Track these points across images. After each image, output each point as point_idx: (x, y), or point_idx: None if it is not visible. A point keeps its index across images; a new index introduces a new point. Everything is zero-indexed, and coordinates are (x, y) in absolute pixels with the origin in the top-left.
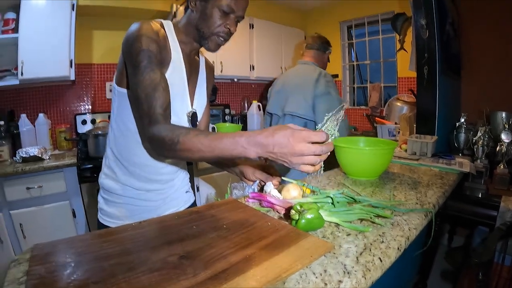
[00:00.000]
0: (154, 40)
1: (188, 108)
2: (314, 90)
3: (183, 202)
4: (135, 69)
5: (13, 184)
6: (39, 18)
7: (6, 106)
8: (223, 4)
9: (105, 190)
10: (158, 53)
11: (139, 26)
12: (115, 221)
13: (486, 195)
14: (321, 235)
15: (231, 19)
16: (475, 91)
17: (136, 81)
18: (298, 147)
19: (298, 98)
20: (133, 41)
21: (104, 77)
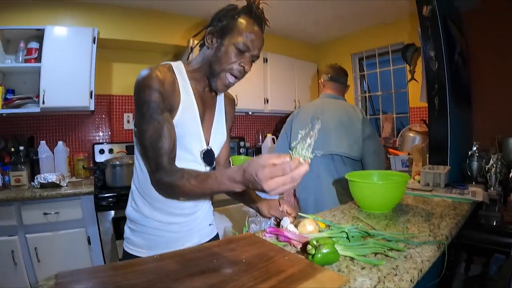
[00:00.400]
0: (158, 90)
1: (202, 146)
2: (363, 131)
3: (206, 234)
4: (141, 119)
5: (31, 209)
6: (61, 49)
7: (27, 132)
8: (240, 42)
9: (131, 221)
10: (161, 102)
11: (145, 76)
12: (139, 250)
13: (500, 223)
14: (337, 269)
15: (246, 58)
16: (486, 119)
17: (142, 130)
18: (261, 174)
19: (348, 139)
20: (139, 92)
21: (122, 108)
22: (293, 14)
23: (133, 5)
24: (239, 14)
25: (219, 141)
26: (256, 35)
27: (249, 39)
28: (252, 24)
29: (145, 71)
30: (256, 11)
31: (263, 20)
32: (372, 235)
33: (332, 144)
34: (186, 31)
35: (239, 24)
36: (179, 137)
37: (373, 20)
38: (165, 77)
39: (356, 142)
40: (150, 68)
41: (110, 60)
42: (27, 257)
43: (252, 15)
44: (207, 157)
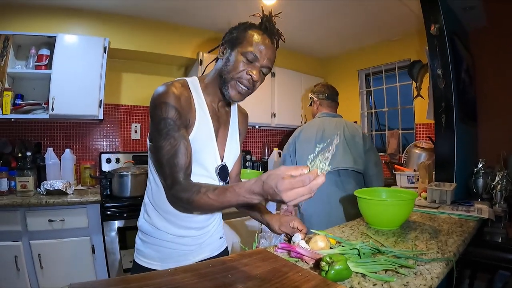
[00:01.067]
0: (174, 107)
1: (217, 162)
2: (364, 145)
3: (217, 248)
4: (157, 135)
5: (36, 215)
6: (72, 57)
7: (34, 138)
8: (248, 52)
9: (143, 233)
10: (178, 118)
11: (162, 93)
12: (150, 262)
13: (506, 239)
14: (349, 285)
15: (255, 68)
16: (491, 136)
17: (158, 146)
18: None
19: (352, 153)
20: (155, 108)
21: (130, 118)
22: (301, 29)
23: (145, 16)
24: (250, 27)
25: (233, 156)
26: (266, 46)
27: (258, 49)
28: (262, 34)
29: (162, 87)
30: (267, 24)
31: (274, 33)
32: (382, 252)
33: (338, 159)
34: (196, 44)
35: (249, 35)
36: (194, 153)
37: (380, 37)
38: (181, 93)
39: (359, 155)
40: (166, 84)
41: (119, 70)
42: (30, 264)
43: (262, 27)
44: (222, 172)
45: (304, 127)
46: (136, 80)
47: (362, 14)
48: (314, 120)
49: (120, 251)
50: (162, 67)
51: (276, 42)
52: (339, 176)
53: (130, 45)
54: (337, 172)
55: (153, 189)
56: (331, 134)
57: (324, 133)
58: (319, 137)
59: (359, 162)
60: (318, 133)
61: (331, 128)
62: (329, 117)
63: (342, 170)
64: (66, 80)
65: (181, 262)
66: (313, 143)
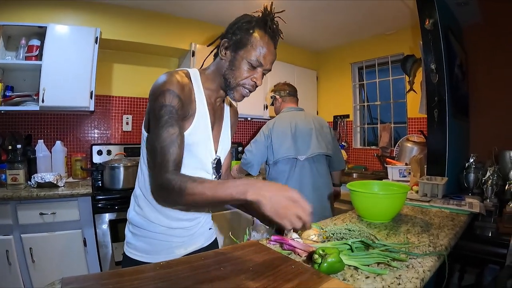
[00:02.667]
0: (178, 96)
1: (212, 155)
2: (330, 133)
3: (206, 238)
4: (157, 122)
5: (27, 209)
6: (62, 47)
7: (24, 130)
8: (252, 58)
9: (134, 225)
10: (180, 108)
11: (166, 80)
12: (142, 255)
13: (496, 234)
14: (342, 278)
15: (258, 72)
16: (483, 131)
17: (156, 133)
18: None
19: (324, 140)
20: (158, 95)
21: (122, 110)
22: (295, 22)
23: (137, 6)
24: (254, 28)
25: (225, 150)
26: (269, 50)
27: (262, 55)
28: (266, 39)
29: (166, 75)
30: (271, 25)
31: (277, 34)
32: (374, 246)
33: (313, 146)
34: (189, 35)
35: (253, 39)
36: (190, 145)
37: (374, 31)
38: (184, 83)
39: (329, 142)
40: (170, 73)
41: (110, 61)
42: (21, 258)
43: (267, 29)
44: (217, 166)
45: (276, 122)
46: (127, 71)
47: (356, 8)
48: (283, 114)
49: (112, 243)
50: (154, 58)
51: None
52: (313, 161)
53: (122, 36)
54: (312, 159)
55: (146, 180)
56: (304, 126)
57: (298, 126)
58: (293, 129)
59: (329, 148)
60: (292, 125)
61: (302, 121)
62: (296, 111)
63: (316, 156)
64: (56, 71)
65: (173, 254)
66: (289, 134)
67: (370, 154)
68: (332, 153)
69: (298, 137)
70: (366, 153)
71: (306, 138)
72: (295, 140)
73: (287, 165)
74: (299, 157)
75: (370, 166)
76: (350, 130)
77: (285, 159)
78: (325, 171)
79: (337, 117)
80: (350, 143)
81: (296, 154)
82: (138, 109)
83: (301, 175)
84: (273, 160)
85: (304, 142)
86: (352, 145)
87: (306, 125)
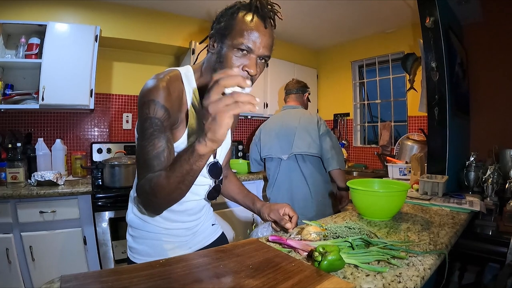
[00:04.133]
0: (163, 106)
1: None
2: (318, 130)
3: (210, 235)
4: (142, 134)
5: (27, 207)
6: (62, 45)
7: (24, 128)
8: (239, 43)
9: (134, 228)
10: (166, 119)
11: (151, 88)
12: (145, 258)
13: (496, 232)
14: (342, 276)
15: (251, 59)
16: (483, 130)
17: (141, 145)
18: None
19: (306, 139)
20: (143, 105)
21: (122, 108)
22: (295, 19)
23: (136, 4)
24: (238, 11)
25: (225, 150)
26: (260, 32)
27: (251, 39)
28: (253, 19)
29: (152, 81)
30: (256, 5)
31: (267, 13)
32: (374, 243)
33: (294, 146)
34: (189, 33)
35: (238, 22)
36: None
37: (375, 29)
38: (173, 89)
39: (314, 141)
40: (157, 78)
41: (110, 59)
42: (21, 256)
43: (252, 9)
44: (213, 169)
45: (268, 120)
46: (127, 69)
47: (357, 6)
48: (278, 113)
49: (112, 242)
50: (154, 56)
51: (272, 22)
52: (296, 161)
53: (122, 34)
54: (294, 157)
55: None
56: (289, 124)
57: (283, 124)
58: (278, 128)
59: (312, 147)
60: (278, 123)
61: (290, 119)
62: (289, 109)
63: (298, 155)
64: (56, 69)
65: (178, 252)
66: (273, 133)
67: (370, 153)
68: (317, 152)
69: (282, 136)
70: (367, 152)
71: (290, 137)
72: (279, 139)
73: (272, 163)
74: (283, 157)
75: (370, 164)
76: (350, 128)
77: (269, 158)
78: (313, 171)
79: (337, 115)
80: (350, 142)
81: (278, 153)
82: None
83: (285, 174)
84: (261, 157)
85: (287, 141)
86: (352, 144)
87: (291, 124)
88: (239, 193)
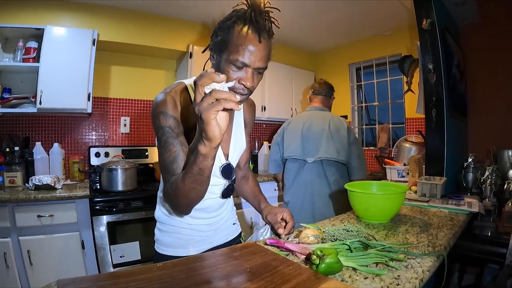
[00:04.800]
0: (172, 116)
1: (221, 161)
2: (348, 138)
3: (231, 233)
4: (159, 142)
5: (25, 211)
6: (60, 49)
7: (22, 132)
8: (235, 59)
9: (161, 223)
10: (176, 126)
11: (160, 102)
12: (169, 249)
13: (495, 233)
14: (340, 279)
15: (247, 73)
16: (481, 131)
17: (159, 152)
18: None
19: (336, 145)
20: (154, 118)
21: (120, 112)
22: (292, 22)
23: (134, 8)
24: (233, 24)
25: (238, 152)
26: (255, 46)
27: (246, 54)
28: (248, 33)
29: (160, 96)
30: (251, 17)
31: (263, 27)
32: (372, 246)
33: (322, 150)
34: (186, 36)
35: (233, 38)
36: None
37: (372, 31)
38: (180, 99)
39: (343, 148)
40: (165, 92)
41: (108, 63)
42: (19, 260)
43: (247, 22)
44: (225, 171)
45: (293, 119)
46: (125, 73)
47: (353, 8)
48: (304, 113)
49: (110, 246)
50: (152, 59)
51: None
52: (322, 165)
53: (120, 37)
54: (320, 162)
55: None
56: (317, 127)
57: (312, 125)
58: (305, 129)
59: (342, 154)
60: (306, 124)
61: (318, 121)
62: (316, 111)
63: (325, 160)
64: (54, 73)
65: (199, 247)
66: (300, 134)
67: (368, 155)
68: (345, 159)
69: (309, 138)
70: (365, 154)
71: (317, 140)
72: (305, 141)
73: (294, 165)
74: (308, 159)
75: (368, 167)
76: None
77: (292, 159)
78: (338, 178)
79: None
80: None
81: (303, 155)
82: (136, 111)
83: (307, 179)
84: (283, 158)
85: (314, 144)
86: None
87: (320, 126)
88: (251, 193)
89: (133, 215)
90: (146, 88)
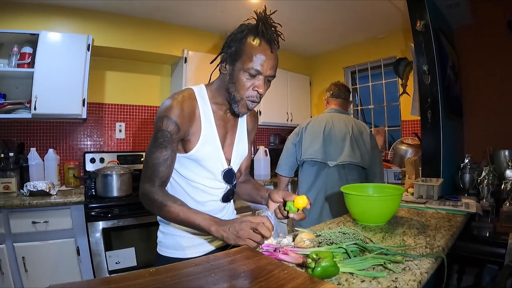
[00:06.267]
0: (175, 122)
1: (223, 166)
2: (371, 142)
3: None
4: (154, 141)
5: (19, 217)
6: (55, 55)
7: (17, 138)
8: (249, 67)
9: (164, 225)
10: (175, 133)
11: (166, 106)
12: (171, 251)
13: (493, 234)
14: (336, 282)
15: (259, 80)
16: (477, 131)
17: (151, 150)
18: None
19: (360, 149)
20: (158, 119)
21: (115, 117)
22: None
23: (129, 13)
24: (246, 36)
25: (240, 158)
26: (267, 56)
27: (259, 62)
28: (261, 44)
29: (168, 101)
30: (263, 30)
31: (272, 36)
32: (370, 249)
33: (345, 154)
34: (181, 41)
35: (247, 47)
36: (200, 160)
37: (366, 34)
38: (186, 106)
39: (366, 152)
40: (173, 98)
41: (103, 68)
42: (14, 267)
43: (259, 34)
44: (227, 176)
45: (312, 120)
46: (120, 78)
47: (347, 12)
48: (323, 114)
49: (105, 252)
50: (147, 65)
51: (277, 43)
52: (343, 169)
53: (114, 43)
54: (342, 166)
55: (168, 188)
56: (340, 130)
57: (333, 128)
58: (327, 131)
59: (365, 158)
60: (327, 126)
61: (340, 124)
62: (337, 113)
63: (347, 164)
64: (49, 79)
65: (200, 249)
66: (321, 136)
67: None
68: (367, 164)
69: (331, 141)
70: None
71: (339, 143)
72: (327, 143)
73: (313, 168)
74: (329, 163)
75: None
76: None
77: (311, 161)
78: (354, 181)
79: None
80: None
81: (324, 158)
82: (131, 117)
83: (328, 183)
84: (300, 160)
85: (336, 147)
86: None
87: (342, 129)
88: (254, 189)
89: (128, 221)
90: (141, 94)
